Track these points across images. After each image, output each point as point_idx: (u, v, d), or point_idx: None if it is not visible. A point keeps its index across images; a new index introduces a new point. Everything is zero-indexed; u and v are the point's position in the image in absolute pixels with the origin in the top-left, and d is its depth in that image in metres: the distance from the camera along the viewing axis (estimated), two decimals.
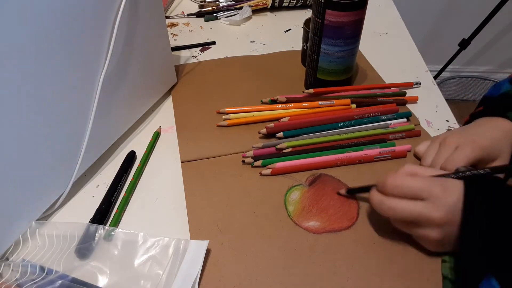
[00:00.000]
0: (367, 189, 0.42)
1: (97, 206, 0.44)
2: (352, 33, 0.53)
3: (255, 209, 0.44)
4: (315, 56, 0.57)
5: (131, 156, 0.51)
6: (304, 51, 0.66)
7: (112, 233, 0.41)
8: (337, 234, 0.42)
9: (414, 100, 0.59)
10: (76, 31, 0.40)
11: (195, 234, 0.42)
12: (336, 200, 0.45)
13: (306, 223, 0.43)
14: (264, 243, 0.41)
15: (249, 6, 0.82)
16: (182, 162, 0.50)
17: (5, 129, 0.36)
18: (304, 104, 0.56)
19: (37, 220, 0.43)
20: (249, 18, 0.82)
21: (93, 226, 0.42)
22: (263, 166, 0.49)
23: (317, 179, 0.48)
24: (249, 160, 0.49)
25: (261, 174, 0.48)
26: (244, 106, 0.57)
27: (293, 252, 0.40)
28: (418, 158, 0.50)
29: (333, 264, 0.39)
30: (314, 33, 0.55)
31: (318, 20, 0.53)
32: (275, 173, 0.48)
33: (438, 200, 0.36)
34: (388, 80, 0.64)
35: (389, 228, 0.41)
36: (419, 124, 0.55)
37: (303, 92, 0.58)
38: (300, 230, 0.42)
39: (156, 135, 0.54)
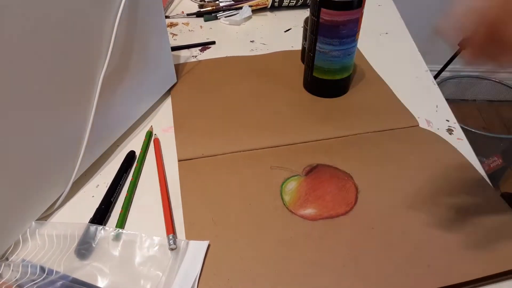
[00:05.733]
0: None
1: (96, 206, 0.44)
2: (347, 33, 0.53)
3: (250, 201, 0.44)
4: (312, 54, 0.57)
5: (131, 156, 0.51)
6: (304, 49, 0.66)
7: (120, 232, 0.41)
8: (334, 220, 0.42)
9: None
10: (75, 31, 0.40)
11: (189, 228, 0.42)
12: (334, 187, 0.45)
13: (302, 211, 0.43)
14: (259, 232, 0.41)
15: (249, 6, 0.82)
16: (179, 160, 0.50)
17: (4, 129, 0.36)
18: None
19: (36, 220, 0.43)
20: (249, 18, 0.82)
21: (93, 227, 0.42)
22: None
23: (314, 169, 0.48)
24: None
25: None
26: None
27: (289, 240, 0.40)
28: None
29: (330, 250, 0.39)
30: (311, 31, 0.55)
31: (314, 18, 0.53)
32: None
33: None
34: (387, 80, 0.64)
35: (388, 212, 0.41)
36: (418, 125, 0.55)
37: None
38: (296, 218, 0.42)
39: (149, 134, 0.54)
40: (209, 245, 0.40)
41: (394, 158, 0.49)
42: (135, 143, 0.53)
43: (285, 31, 0.79)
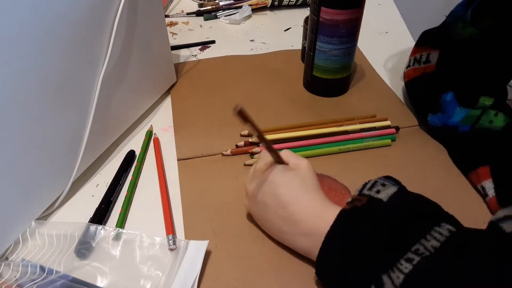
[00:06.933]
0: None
1: (96, 205, 0.44)
2: (347, 32, 0.53)
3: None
4: (312, 53, 0.57)
5: (131, 155, 0.50)
6: (304, 48, 0.66)
7: (120, 231, 0.41)
8: None
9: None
10: (75, 30, 0.40)
11: (190, 236, 0.42)
12: (332, 199, 0.45)
13: None
14: (258, 244, 0.41)
15: (249, 5, 0.82)
16: (178, 160, 0.50)
17: (4, 128, 0.36)
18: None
19: (36, 219, 0.43)
20: (248, 17, 0.82)
21: (93, 226, 0.42)
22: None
23: None
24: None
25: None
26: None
27: (287, 253, 0.40)
28: None
29: None
30: (311, 30, 0.55)
31: (314, 17, 0.53)
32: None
33: (253, 180, 0.39)
34: (387, 79, 0.64)
35: None
36: (418, 125, 0.55)
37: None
38: None
39: (149, 134, 0.54)
40: (209, 253, 0.40)
41: (393, 167, 0.49)
42: (135, 143, 0.53)
43: (285, 30, 0.79)
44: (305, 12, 0.85)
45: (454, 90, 0.49)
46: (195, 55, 0.71)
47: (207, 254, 0.40)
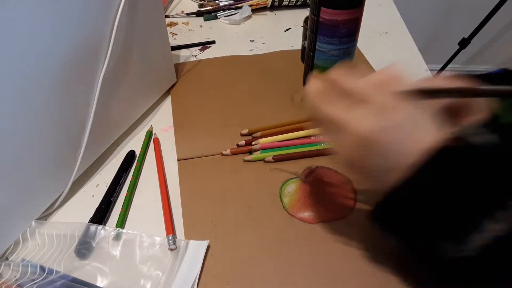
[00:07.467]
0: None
1: (96, 205, 0.44)
2: (347, 32, 0.53)
3: (249, 203, 0.44)
4: (311, 53, 0.57)
5: (131, 155, 0.51)
6: (304, 49, 0.66)
7: (120, 231, 0.41)
8: (332, 224, 0.42)
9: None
10: (75, 31, 0.40)
11: (189, 229, 0.42)
12: (333, 191, 0.45)
13: (301, 214, 0.43)
14: (258, 235, 0.41)
15: (249, 6, 0.82)
16: (178, 160, 0.50)
17: (4, 128, 0.36)
18: None
19: (36, 219, 0.43)
20: (248, 17, 0.82)
21: (93, 226, 0.42)
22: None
23: (314, 171, 0.47)
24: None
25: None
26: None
27: (288, 243, 0.40)
28: None
29: (328, 254, 0.39)
30: (311, 30, 0.55)
31: (314, 17, 0.53)
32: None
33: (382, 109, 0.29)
34: None
35: None
36: None
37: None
38: (295, 221, 0.42)
39: (150, 134, 0.54)
40: (208, 247, 0.40)
41: None
42: (135, 143, 0.53)
43: (285, 31, 0.79)
44: (305, 12, 0.85)
45: None
46: (195, 55, 0.71)
47: (207, 250, 0.40)
